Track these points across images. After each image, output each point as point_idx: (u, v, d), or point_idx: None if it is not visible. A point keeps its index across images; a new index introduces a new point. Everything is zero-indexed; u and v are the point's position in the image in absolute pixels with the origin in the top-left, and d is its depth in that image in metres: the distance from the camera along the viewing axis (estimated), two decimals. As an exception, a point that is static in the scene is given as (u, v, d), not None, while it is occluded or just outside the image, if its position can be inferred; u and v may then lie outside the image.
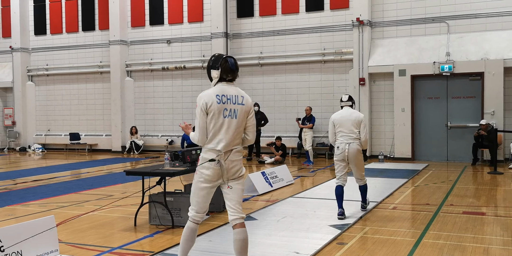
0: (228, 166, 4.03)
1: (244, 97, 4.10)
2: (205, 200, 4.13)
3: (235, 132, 4.04)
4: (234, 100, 4.03)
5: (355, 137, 6.53)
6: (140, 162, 14.96)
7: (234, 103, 4.03)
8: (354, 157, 6.50)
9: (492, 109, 13.22)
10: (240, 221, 4.02)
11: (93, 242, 5.51)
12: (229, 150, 4.03)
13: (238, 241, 3.99)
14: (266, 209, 7.23)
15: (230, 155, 4.04)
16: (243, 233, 4.00)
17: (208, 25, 16.96)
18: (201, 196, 4.11)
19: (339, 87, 15.37)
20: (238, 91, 4.08)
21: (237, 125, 4.04)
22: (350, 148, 6.49)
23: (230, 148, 4.04)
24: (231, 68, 4.06)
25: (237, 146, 4.09)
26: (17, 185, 10.08)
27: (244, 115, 4.08)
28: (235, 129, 4.03)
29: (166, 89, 17.91)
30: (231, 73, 4.08)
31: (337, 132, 6.64)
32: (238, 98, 4.06)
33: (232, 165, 4.05)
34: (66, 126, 19.57)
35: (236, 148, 4.08)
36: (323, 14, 15.55)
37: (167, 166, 6.34)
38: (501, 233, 5.74)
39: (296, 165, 13.41)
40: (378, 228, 6.01)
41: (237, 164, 4.08)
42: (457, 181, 10.00)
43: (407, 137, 14.18)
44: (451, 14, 14.05)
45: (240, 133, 4.10)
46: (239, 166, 4.11)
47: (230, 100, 4.02)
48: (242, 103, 4.07)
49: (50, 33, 19.78)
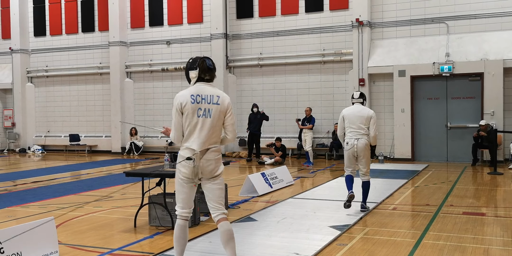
0: (203, 165, 4.13)
1: (220, 97, 4.18)
2: (188, 196, 4.26)
3: (210, 131, 4.12)
4: (209, 99, 4.13)
5: (363, 133, 6.73)
6: (140, 163, 14.96)
7: (209, 102, 4.12)
8: (362, 152, 6.73)
9: (491, 109, 13.22)
10: (222, 216, 4.18)
11: (93, 243, 5.51)
12: (205, 149, 4.12)
13: (223, 232, 4.14)
14: (266, 210, 7.22)
15: (206, 154, 4.13)
16: (226, 225, 4.15)
17: (207, 26, 16.96)
18: (183, 193, 4.24)
19: (339, 88, 15.37)
20: (214, 91, 4.17)
21: (211, 124, 4.12)
22: (359, 143, 6.70)
23: (206, 147, 4.12)
24: (208, 67, 4.18)
25: (213, 145, 4.17)
26: (17, 187, 10.07)
27: (219, 114, 4.16)
28: (209, 128, 4.12)
29: (165, 90, 17.90)
30: (209, 72, 4.19)
31: (346, 127, 6.83)
32: (214, 97, 4.14)
33: (208, 164, 4.14)
34: (65, 127, 19.57)
35: (212, 147, 4.15)
36: (323, 14, 15.56)
37: (167, 167, 6.33)
38: (501, 234, 5.73)
39: (296, 166, 13.41)
40: (378, 229, 6.01)
41: (212, 163, 4.15)
42: (457, 182, 9.99)
43: (407, 137, 14.18)
44: (450, 15, 14.06)
45: (216, 132, 4.18)
46: (215, 165, 4.17)
47: (205, 99, 4.12)
48: (217, 103, 4.15)
49: (50, 35, 19.79)
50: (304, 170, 12.41)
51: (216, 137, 4.19)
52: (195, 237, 5.65)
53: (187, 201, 4.26)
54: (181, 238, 4.25)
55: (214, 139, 4.17)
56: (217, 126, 4.17)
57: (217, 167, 4.20)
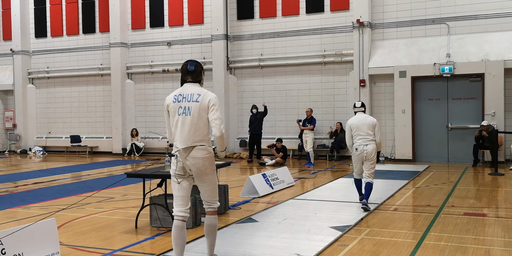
0: (190, 162, 4.24)
1: (201, 95, 4.28)
2: (182, 194, 4.33)
3: (192, 129, 4.22)
4: (189, 98, 4.27)
5: (371, 139, 7.28)
6: (141, 164, 14.96)
7: (189, 101, 4.26)
8: (371, 156, 7.25)
9: (492, 110, 13.22)
10: (209, 209, 4.44)
11: (94, 244, 5.51)
12: (190, 147, 4.23)
13: (205, 225, 4.46)
14: (267, 211, 7.22)
15: (192, 151, 4.23)
16: (209, 219, 4.41)
17: (208, 27, 16.98)
18: (176, 190, 4.34)
19: (340, 88, 15.38)
20: (197, 90, 4.31)
21: (191, 122, 4.23)
22: (368, 148, 7.23)
23: (190, 145, 4.22)
24: (188, 70, 4.37)
25: (198, 143, 4.24)
26: (18, 188, 10.08)
27: (199, 112, 4.23)
28: (190, 125, 4.23)
29: (166, 91, 17.89)
30: (190, 74, 4.38)
31: (354, 135, 7.36)
32: (194, 96, 4.28)
33: (194, 162, 4.23)
34: (66, 128, 19.60)
35: (197, 145, 4.24)
36: (323, 15, 15.57)
37: (168, 168, 6.34)
38: (502, 235, 5.73)
39: (297, 167, 13.41)
40: (379, 230, 6.00)
41: (199, 161, 4.23)
42: (458, 183, 9.99)
43: (407, 138, 14.17)
44: (451, 16, 14.06)
45: (200, 130, 4.24)
46: (202, 164, 4.24)
47: (186, 98, 4.28)
48: (196, 101, 4.25)
49: (51, 36, 19.82)
50: (305, 171, 12.41)
51: (201, 135, 4.24)
52: (196, 238, 5.65)
53: (181, 200, 4.33)
54: (178, 239, 4.29)
55: (199, 137, 4.23)
56: (200, 124, 4.23)
57: (205, 165, 4.25)
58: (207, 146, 4.28)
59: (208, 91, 4.35)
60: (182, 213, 4.32)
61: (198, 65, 4.41)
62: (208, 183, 4.35)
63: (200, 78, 4.41)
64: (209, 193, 4.40)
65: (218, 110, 4.26)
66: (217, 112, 4.24)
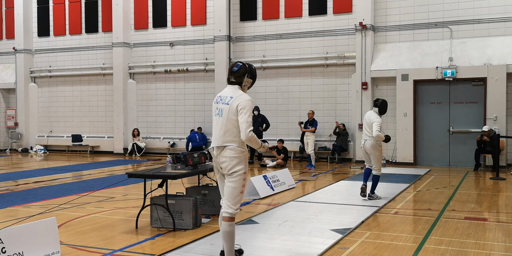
0: (219, 160, 4.44)
1: (233, 97, 4.42)
2: (221, 190, 4.62)
3: (223, 129, 4.41)
4: (224, 100, 4.47)
5: (370, 135, 8.01)
6: (142, 165, 14.97)
7: (223, 103, 4.47)
8: (369, 151, 8.06)
9: (494, 114, 13.20)
10: (225, 214, 4.45)
11: (94, 244, 5.51)
12: (221, 146, 4.42)
13: (221, 231, 4.50)
14: (268, 213, 7.21)
15: (223, 151, 4.42)
16: (224, 226, 4.44)
17: (211, 28, 16.99)
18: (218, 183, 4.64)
19: (342, 91, 15.37)
20: (231, 93, 4.46)
21: (222, 123, 4.42)
22: (366, 144, 8.09)
23: (221, 144, 4.42)
24: (231, 70, 4.54)
25: (229, 143, 4.40)
26: (19, 186, 10.09)
27: (229, 114, 4.38)
28: (221, 126, 4.42)
29: (168, 91, 17.93)
30: (232, 74, 4.52)
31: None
32: (227, 98, 4.45)
33: (222, 161, 4.41)
34: (68, 127, 19.61)
35: (228, 145, 4.40)
36: (326, 18, 15.57)
37: (169, 169, 6.34)
38: (503, 239, 5.72)
39: (298, 169, 13.40)
40: (379, 233, 6.00)
41: (226, 160, 4.39)
42: (459, 187, 9.97)
43: (409, 142, 14.16)
44: (454, 19, 14.06)
45: (231, 130, 4.39)
46: (228, 163, 4.38)
47: (222, 100, 4.49)
48: (227, 103, 4.42)
49: (53, 35, 19.84)
50: (306, 173, 12.40)
51: (231, 136, 4.39)
52: (196, 239, 5.65)
53: (222, 192, 4.59)
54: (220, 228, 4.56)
55: (229, 138, 4.39)
56: (229, 126, 4.39)
57: (231, 165, 4.39)
58: (237, 146, 4.40)
59: (243, 94, 4.42)
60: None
61: (243, 67, 4.51)
62: (231, 184, 4.42)
63: (242, 80, 4.49)
64: (230, 191, 4.41)
65: (247, 114, 4.32)
66: (245, 115, 4.31)
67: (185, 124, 17.64)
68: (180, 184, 7.21)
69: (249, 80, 4.55)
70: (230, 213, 4.41)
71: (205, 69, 17.17)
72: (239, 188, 4.42)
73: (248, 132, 4.30)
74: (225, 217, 4.42)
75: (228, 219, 4.41)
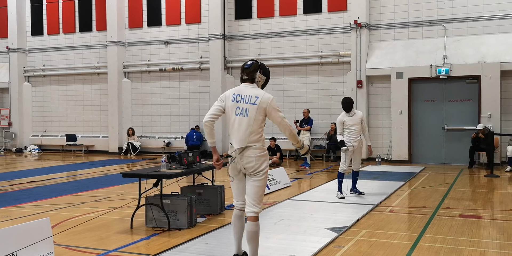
0: (244, 161, 4.35)
1: (259, 97, 4.34)
2: (237, 191, 4.56)
3: (248, 130, 4.32)
4: (247, 99, 4.35)
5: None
6: (137, 164, 14.93)
7: (247, 102, 4.34)
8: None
9: (489, 112, 13.24)
10: (250, 214, 4.36)
11: (88, 244, 5.48)
12: (244, 147, 4.33)
13: (246, 232, 4.40)
14: (263, 211, 7.19)
15: (247, 151, 4.34)
16: (250, 226, 4.35)
17: (205, 27, 16.95)
18: (233, 188, 4.58)
19: (337, 89, 15.38)
20: (255, 92, 4.36)
21: (248, 123, 4.31)
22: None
23: (245, 145, 4.33)
24: (244, 67, 4.44)
25: (254, 143, 4.34)
26: (13, 187, 10.03)
27: (257, 114, 4.32)
28: (246, 126, 4.32)
29: (163, 90, 17.88)
30: (245, 71, 4.42)
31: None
32: (252, 98, 4.34)
33: (248, 161, 4.34)
34: (62, 127, 19.52)
35: (252, 145, 4.33)
36: (321, 16, 15.56)
37: (164, 168, 6.33)
38: (497, 237, 5.74)
39: (293, 168, 13.40)
40: (374, 231, 6.00)
41: (252, 160, 4.32)
42: (453, 184, 10.00)
43: (404, 139, 14.19)
44: (448, 17, 14.09)
45: (256, 131, 4.34)
46: (255, 162, 4.32)
47: (244, 99, 4.36)
48: (254, 103, 4.33)
49: (47, 34, 19.74)
50: (301, 172, 12.41)
51: (256, 136, 4.34)
52: (192, 239, 5.64)
53: (237, 196, 4.55)
54: (236, 226, 4.53)
55: (254, 138, 4.33)
56: (255, 126, 4.33)
57: (258, 164, 4.34)
58: (261, 145, 4.39)
59: (266, 93, 4.38)
60: (240, 203, 4.54)
61: (255, 64, 4.43)
62: (257, 183, 4.36)
63: (254, 76, 4.41)
64: (256, 190, 4.35)
65: (276, 111, 4.36)
66: (280, 113, 4.37)
67: (180, 123, 17.60)
68: (175, 184, 7.19)
69: (261, 76, 4.45)
70: (256, 212, 4.35)
71: (200, 67, 17.14)
72: (264, 187, 4.45)
73: (288, 127, 4.41)
74: (252, 217, 4.33)
75: (255, 219, 4.34)
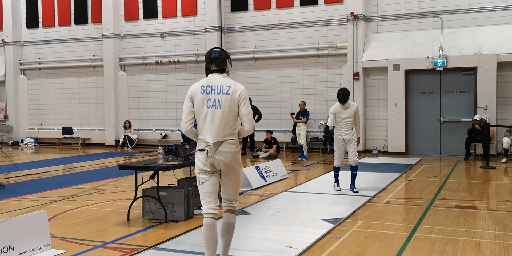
0: (219, 157, 4.01)
1: (231, 87, 4.01)
2: (210, 190, 4.09)
3: (222, 122, 3.98)
4: (218, 90, 4.00)
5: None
6: (134, 157, 14.92)
7: (219, 93, 4.00)
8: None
9: (485, 103, 13.27)
10: (228, 207, 4.22)
11: (85, 236, 5.49)
12: (219, 141, 4.00)
13: (222, 223, 4.20)
14: (260, 203, 7.23)
15: (221, 146, 4.01)
16: (227, 218, 4.19)
17: (202, 19, 16.86)
18: (205, 189, 4.10)
19: (333, 81, 15.36)
20: (226, 82, 4.04)
21: (222, 115, 3.98)
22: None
23: (220, 139, 4.00)
24: (211, 57, 4.07)
25: (228, 137, 4.02)
26: (9, 179, 10.02)
27: (230, 105, 3.99)
28: (221, 119, 3.98)
29: (160, 83, 17.83)
30: (214, 62, 4.07)
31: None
32: (224, 88, 4.00)
33: (223, 157, 4.01)
34: (58, 120, 19.47)
35: (227, 139, 4.02)
36: (317, 8, 15.50)
37: (161, 161, 6.33)
38: (493, 227, 5.78)
39: (290, 160, 13.42)
40: (371, 222, 6.03)
41: (228, 156, 4.01)
42: (449, 176, 10.05)
43: (400, 131, 14.22)
44: (444, 9, 14.05)
45: (230, 123, 4.02)
46: (231, 158, 4.03)
47: (215, 90, 4.00)
48: (227, 93, 3.99)
49: (43, 26, 19.61)
50: (298, 164, 12.43)
51: (231, 129, 4.03)
52: (188, 230, 5.66)
53: (210, 195, 4.09)
54: (209, 239, 4.03)
55: (229, 131, 4.01)
56: (230, 117, 4.00)
57: (234, 160, 4.05)
58: (236, 140, 4.09)
59: (237, 83, 4.07)
60: (212, 210, 4.06)
61: (223, 52, 4.09)
62: (234, 180, 4.14)
63: (225, 67, 4.09)
64: (232, 190, 4.17)
65: (249, 104, 4.05)
66: (248, 105, 4.03)
67: (177, 116, 17.57)
68: (171, 176, 7.19)
69: (229, 66, 4.15)
70: (234, 207, 4.22)
71: (196, 60, 17.08)
72: (240, 183, 4.28)
73: (253, 123, 4.10)
74: (228, 209, 4.19)
75: (233, 212, 4.21)
